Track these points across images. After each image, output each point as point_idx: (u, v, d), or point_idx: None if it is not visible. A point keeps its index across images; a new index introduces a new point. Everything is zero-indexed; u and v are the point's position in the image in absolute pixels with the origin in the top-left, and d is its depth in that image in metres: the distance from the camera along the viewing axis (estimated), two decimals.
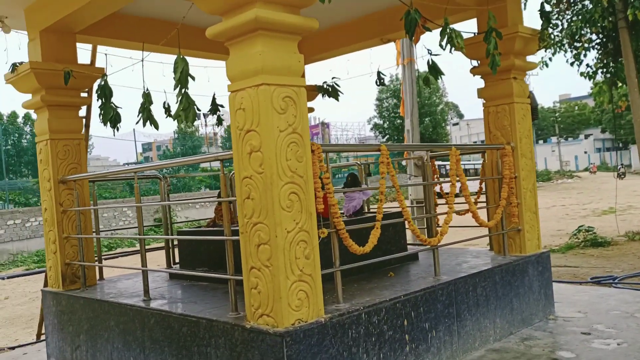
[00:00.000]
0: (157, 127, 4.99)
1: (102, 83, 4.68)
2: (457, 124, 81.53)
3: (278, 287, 3.05)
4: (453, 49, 4.10)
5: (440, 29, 4.03)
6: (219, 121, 6.66)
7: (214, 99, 6.18)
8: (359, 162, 6.58)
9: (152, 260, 4.34)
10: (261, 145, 3.08)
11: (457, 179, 4.39)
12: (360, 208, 5.26)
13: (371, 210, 6.06)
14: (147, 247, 4.52)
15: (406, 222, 4.07)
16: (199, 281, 4.90)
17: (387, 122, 50.88)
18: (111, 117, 4.86)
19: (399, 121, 48.64)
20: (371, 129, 53.06)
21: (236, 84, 3.23)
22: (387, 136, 50.06)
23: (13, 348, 6.43)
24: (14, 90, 5.31)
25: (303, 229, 3.16)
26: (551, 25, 5.44)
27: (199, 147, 47.28)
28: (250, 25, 3.06)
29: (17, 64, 5.05)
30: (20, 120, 41.45)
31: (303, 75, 3.37)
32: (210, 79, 8.75)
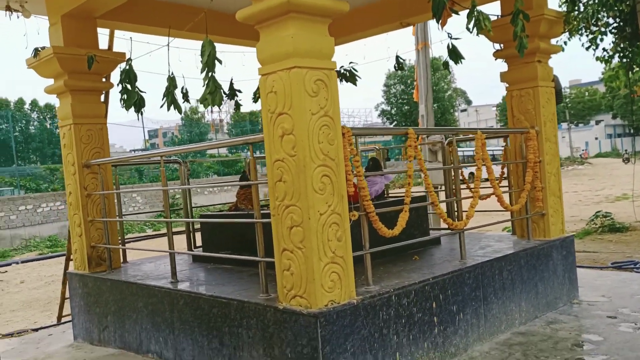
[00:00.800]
0: (180, 111, 4.99)
1: (127, 67, 4.68)
2: (465, 110, 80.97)
3: (311, 269, 3.07)
4: (479, 32, 4.06)
5: (467, 11, 3.98)
6: (237, 106, 6.64)
7: (231, 84, 6.16)
8: (376, 147, 6.56)
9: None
10: (294, 128, 3.08)
11: (483, 163, 4.37)
12: (382, 192, 5.27)
13: (390, 194, 6.07)
14: (164, 231, 4.57)
15: (432, 205, 4.07)
16: (222, 264, 4.93)
17: (395, 109, 50.64)
18: (135, 101, 4.88)
19: (406, 107, 48.42)
20: (378, 115, 52.83)
21: (267, 67, 3.22)
22: (395, 122, 49.83)
23: (36, 330, 6.51)
24: (21, 77, 5.32)
25: (335, 211, 3.17)
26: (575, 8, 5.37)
27: (205, 133, 47.19)
28: (283, 7, 3.04)
29: (40, 49, 5.05)
30: (27, 107, 41.53)
31: None
32: (226, 64, 8.70)
